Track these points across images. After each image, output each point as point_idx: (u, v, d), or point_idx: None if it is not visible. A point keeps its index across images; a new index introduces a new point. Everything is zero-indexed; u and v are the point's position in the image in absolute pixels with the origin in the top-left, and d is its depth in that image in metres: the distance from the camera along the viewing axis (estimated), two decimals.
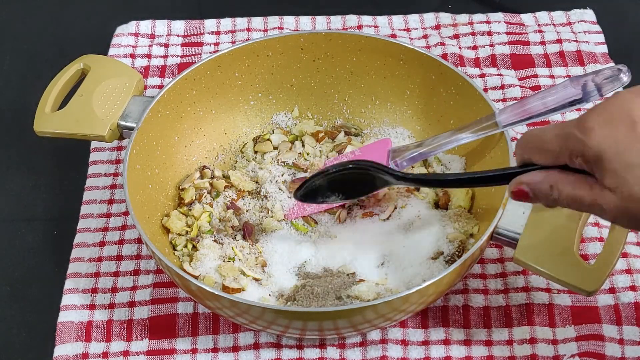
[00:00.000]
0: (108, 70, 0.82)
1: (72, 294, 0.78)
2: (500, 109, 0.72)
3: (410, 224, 0.77)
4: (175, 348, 0.74)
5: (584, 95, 0.66)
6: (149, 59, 0.99)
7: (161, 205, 0.79)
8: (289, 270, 0.76)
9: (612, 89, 0.65)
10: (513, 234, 0.68)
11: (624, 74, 0.65)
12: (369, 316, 0.66)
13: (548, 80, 0.95)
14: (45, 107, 0.79)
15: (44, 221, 0.86)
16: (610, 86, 0.65)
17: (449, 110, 0.80)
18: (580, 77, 0.66)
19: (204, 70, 0.81)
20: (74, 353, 0.74)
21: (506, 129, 0.72)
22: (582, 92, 0.66)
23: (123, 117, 0.78)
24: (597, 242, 0.79)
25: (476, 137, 0.73)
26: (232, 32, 1.02)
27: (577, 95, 0.66)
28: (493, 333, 0.74)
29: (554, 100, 0.67)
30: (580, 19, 1.01)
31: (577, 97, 0.66)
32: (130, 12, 1.05)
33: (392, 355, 0.73)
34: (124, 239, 0.82)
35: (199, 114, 0.83)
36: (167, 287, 0.78)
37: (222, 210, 0.80)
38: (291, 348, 0.74)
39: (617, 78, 0.65)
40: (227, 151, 0.86)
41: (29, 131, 0.79)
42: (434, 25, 1.01)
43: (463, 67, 0.96)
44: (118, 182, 0.87)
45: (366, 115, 0.87)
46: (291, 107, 0.88)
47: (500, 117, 0.71)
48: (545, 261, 0.66)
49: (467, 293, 0.77)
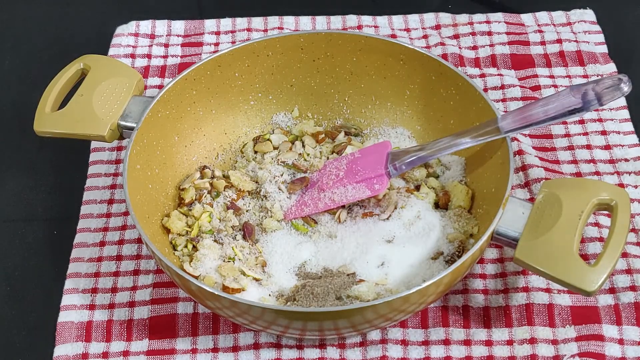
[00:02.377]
0: (108, 70, 0.82)
1: (72, 294, 0.78)
2: (502, 114, 0.72)
3: (410, 224, 0.77)
4: (175, 348, 0.74)
5: (584, 105, 0.66)
6: (149, 59, 0.99)
7: (161, 205, 0.79)
8: (289, 271, 0.76)
9: (612, 98, 0.66)
10: (513, 234, 0.68)
11: (624, 83, 0.65)
12: (369, 316, 0.66)
13: (548, 80, 0.95)
14: (45, 107, 0.79)
15: (44, 221, 0.86)
16: (611, 95, 0.65)
17: (449, 111, 0.80)
18: (581, 85, 0.67)
19: (204, 70, 0.81)
20: (74, 353, 0.74)
21: (507, 135, 0.72)
22: (582, 102, 0.66)
23: (123, 117, 0.78)
24: (597, 242, 0.79)
25: (477, 143, 0.73)
26: (232, 32, 1.02)
27: (577, 105, 0.67)
28: (493, 333, 0.74)
29: (554, 108, 0.68)
30: (580, 19, 1.01)
31: (577, 106, 0.67)
32: (130, 12, 1.05)
33: (392, 355, 0.73)
34: (124, 239, 0.82)
35: (199, 114, 0.83)
36: (167, 287, 0.78)
37: (222, 210, 0.80)
38: (291, 348, 0.74)
39: (618, 87, 0.65)
40: (227, 151, 0.86)
41: (29, 131, 0.79)
42: (434, 25, 1.01)
43: (463, 67, 0.96)
44: (118, 182, 0.87)
45: (366, 115, 0.87)
46: (291, 107, 0.88)
47: (503, 123, 0.71)
48: (545, 261, 0.66)
49: (467, 293, 0.77)
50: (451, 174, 0.81)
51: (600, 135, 0.89)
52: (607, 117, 0.90)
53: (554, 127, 0.90)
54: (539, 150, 0.88)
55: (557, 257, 0.65)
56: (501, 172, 0.72)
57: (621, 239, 0.66)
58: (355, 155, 0.80)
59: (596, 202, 0.68)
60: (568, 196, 0.68)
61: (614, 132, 0.89)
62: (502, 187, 0.70)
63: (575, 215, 0.67)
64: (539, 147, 0.88)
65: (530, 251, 0.66)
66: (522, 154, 0.86)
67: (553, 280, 0.66)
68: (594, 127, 0.90)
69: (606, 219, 0.82)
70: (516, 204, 0.69)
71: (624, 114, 0.91)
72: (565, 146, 0.88)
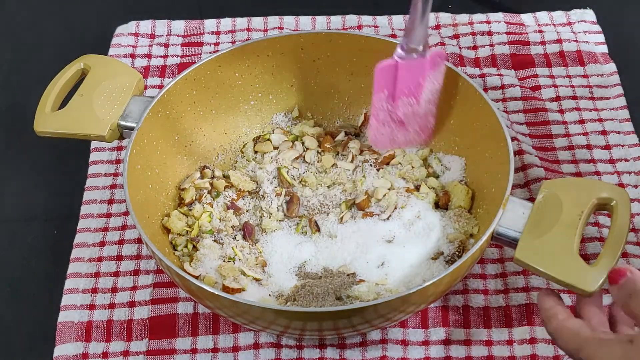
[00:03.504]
0: (108, 70, 0.82)
1: (72, 294, 0.78)
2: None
3: (410, 224, 0.77)
4: (175, 348, 0.74)
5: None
6: (149, 59, 0.99)
7: (161, 205, 0.79)
8: (289, 271, 0.76)
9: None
10: (513, 234, 0.68)
11: None
12: (369, 316, 0.66)
13: (548, 80, 0.95)
14: (45, 107, 0.79)
15: (44, 221, 0.86)
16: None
17: (448, 111, 0.80)
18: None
19: (204, 70, 0.81)
20: (74, 353, 0.74)
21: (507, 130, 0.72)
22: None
23: (123, 117, 0.78)
24: (597, 242, 0.79)
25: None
26: (232, 32, 1.02)
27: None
28: (493, 333, 0.74)
29: None
30: (581, 19, 1.01)
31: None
32: (130, 12, 1.05)
33: (392, 355, 0.73)
34: (124, 239, 0.82)
35: (199, 114, 0.83)
36: (167, 287, 0.78)
37: (222, 210, 0.80)
38: (291, 348, 0.74)
39: None
40: (227, 151, 0.86)
41: (29, 131, 0.79)
42: (434, 25, 1.01)
43: (463, 67, 0.96)
44: (118, 182, 0.87)
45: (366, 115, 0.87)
46: (291, 108, 0.88)
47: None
48: (546, 261, 0.65)
49: (467, 293, 0.77)
50: (451, 174, 0.81)
51: (600, 135, 0.89)
52: (607, 117, 0.90)
53: (554, 127, 0.90)
54: (539, 150, 0.88)
55: (557, 257, 0.65)
56: (501, 172, 0.71)
57: (621, 239, 0.66)
58: (383, 98, 0.73)
59: (596, 202, 0.68)
60: (568, 196, 0.68)
61: (614, 132, 0.89)
62: (502, 187, 0.70)
63: (576, 216, 0.67)
64: (539, 147, 0.88)
65: (531, 251, 0.66)
66: (522, 154, 0.86)
67: (553, 280, 0.66)
68: (594, 127, 0.90)
69: (606, 218, 0.82)
70: (516, 204, 0.69)
71: (624, 114, 0.91)
72: (565, 146, 0.88)
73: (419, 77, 0.72)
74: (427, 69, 0.71)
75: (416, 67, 0.71)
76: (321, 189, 0.82)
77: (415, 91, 0.73)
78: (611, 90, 0.93)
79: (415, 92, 0.73)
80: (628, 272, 0.60)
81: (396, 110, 0.74)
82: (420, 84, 0.72)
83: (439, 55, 0.72)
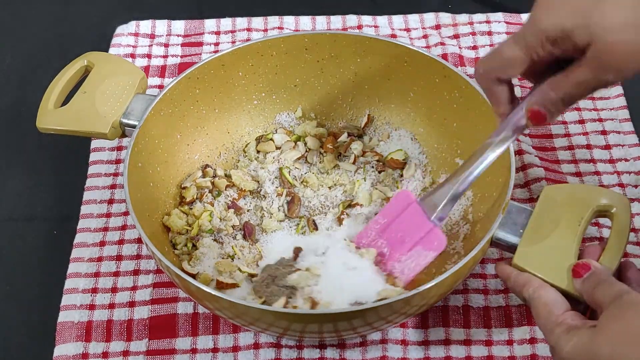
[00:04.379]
0: (112, 68, 0.82)
1: (72, 294, 0.78)
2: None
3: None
4: (175, 348, 0.74)
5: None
6: (149, 59, 0.99)
7: (162, 204, 0.79)
8: None
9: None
10: (512, 239, 0.67)
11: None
12: (369, 319, 0.66)
13: None
14: (48, 104, 0.79)
15: (44, 221, 0.86)
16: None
17: (452, 113, 0.80)
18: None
19: (207, 69, 0.81)
20: (74, 353, 0.74)
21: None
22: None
23: (125, 114, 0.78)
24: (597, 242, 0.79)
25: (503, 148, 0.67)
26: (232, 32, 1.02)
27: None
28: (493, 333, 0.74)
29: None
30: None
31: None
32: (130, 12, 1.05)
33: (392, 355, 0.73)
34: (124, 239, 0.82)
35: (202, 113, 0.83)
36: (167, 287, 0.78)
37: (223, 209, 0.80)
38: (291, 348, 0.74)
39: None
40: (229, 150, 0.86)
41: (29, 131, 0.79)
42: (434, 25, 1.01)
43: (463, 67, 0.96)
44: (118, 182, 0.87)
45: (369, 116, 0.87)
46: (294, 108, 0.87)
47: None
48: (544, 268, 0.65)
49: (467, 293, 0.77)
50: None
51: (600, 135, 0.89)
52: (607, 117, 0.91)
53: (554, 127, 0.90)
54: (539, 150, 0.88)
55: (556, 264, 0.64)
56: (502, 176, 0.71)
57: (620, 246, 0.65)
58: (381, 222, 0.75)
59: (596, 209, 0.67)
60: (568, 202, 0.68)
61: (614, 132, 0.89)
62: (503, 191, 0.70)
63: (575, 222, 0.67)
64: (539, 146, 0.88)
65: (529, 257, 0.66)
66: (522, 154, 0.86)
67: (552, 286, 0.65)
68: (594, 127, 0.90)
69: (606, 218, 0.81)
70: (516, 209, 0.69)
71: (624, 113, 0.91)
72: (565, 146, 0.88)
73: (416, 232, 0.71)
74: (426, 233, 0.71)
75: (419, 222, 0.71)
76: (322, 190, 0.82)
77: (402, 244, 0.72)
78: (611, 90, 0.93)
79: (401, 244, 0.72)
80: (592, 266, 0.62)
81: (380, 241, 0.74)
82: (413, 240, 0.71)
83: (440, 242, 0.71)
